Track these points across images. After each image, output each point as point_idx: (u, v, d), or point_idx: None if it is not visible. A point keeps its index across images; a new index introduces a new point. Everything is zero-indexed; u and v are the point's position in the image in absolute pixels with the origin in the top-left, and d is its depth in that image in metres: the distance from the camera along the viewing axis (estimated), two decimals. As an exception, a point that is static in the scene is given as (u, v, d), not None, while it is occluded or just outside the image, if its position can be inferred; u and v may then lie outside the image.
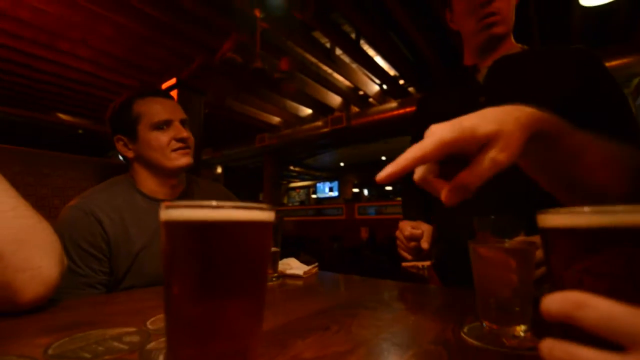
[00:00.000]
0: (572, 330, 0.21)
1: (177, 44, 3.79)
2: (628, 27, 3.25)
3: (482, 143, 0.36)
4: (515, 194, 0.79)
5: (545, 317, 0.22)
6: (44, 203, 1.07)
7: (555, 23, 3.13)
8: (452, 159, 0.37)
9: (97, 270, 0.85)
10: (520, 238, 0.62)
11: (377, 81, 5.19)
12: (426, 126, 0.38)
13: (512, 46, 0.92)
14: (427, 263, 0.99)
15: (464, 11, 0.93)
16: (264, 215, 0.28)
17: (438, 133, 0.36)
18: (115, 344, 0.41)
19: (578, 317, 0.20)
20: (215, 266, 0.26)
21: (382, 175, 0.36)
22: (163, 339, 0.43)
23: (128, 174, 1.00)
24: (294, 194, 14.31)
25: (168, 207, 0.26)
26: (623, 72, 3.40)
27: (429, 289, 0.82)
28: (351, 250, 5.61)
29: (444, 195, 0.37)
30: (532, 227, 0.56)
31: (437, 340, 0.43)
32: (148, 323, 0.49)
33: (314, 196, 13.38)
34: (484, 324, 0.47)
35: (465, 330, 0.46)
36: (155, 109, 0.95)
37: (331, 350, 0.40)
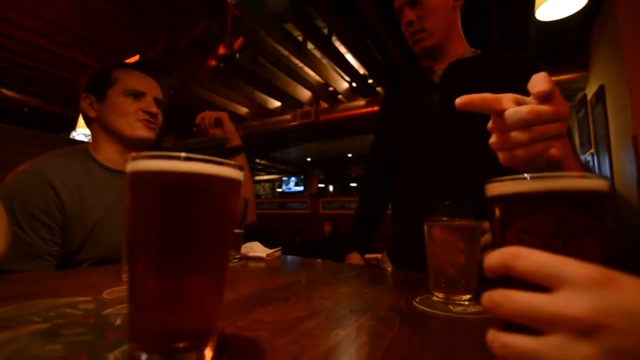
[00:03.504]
0: (510, 282, 0.24)
1: (140, 23, 3.59)
2: (578, 44, 3.54)
3: None
4: (472, 184, 0.84)
5: (486, 273, 0.25)
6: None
7: (514, 35, 3.34)
8: None
9: (47, 240, 0.79)
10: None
11: (347, 78, 5.25)
12: (386, 125, 0.40)
13: (466, 50, 0.99)
14: (380, 255, 1.06)
15: (402, 27, 0.99)
16: (233, 172, 0.28)
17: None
18: (69, 310, 0.40)
19: (513, 266, 0.23)
20: (182, 221, 0.25)
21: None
22: (120, 306, 0.42)
23: (84, 145, 0.95)
24: (259, 187, 14.12)
25: (135, 158, 0.26)
26: (570, 87, 3.70)
27: (386, 271, 0.86)
28: (313, 243, 5.66)
29: None
30: (484, 215, 0.62)
31: (391, 307, 0.46)
32: (104, 294, 0.48)
33: (279, 190, 13.28)
34: (435, 295, 0.51)
35: (417, 300, 0.49)
36: (132, 79, 0.95)
37: (291, 316, 0.41)
